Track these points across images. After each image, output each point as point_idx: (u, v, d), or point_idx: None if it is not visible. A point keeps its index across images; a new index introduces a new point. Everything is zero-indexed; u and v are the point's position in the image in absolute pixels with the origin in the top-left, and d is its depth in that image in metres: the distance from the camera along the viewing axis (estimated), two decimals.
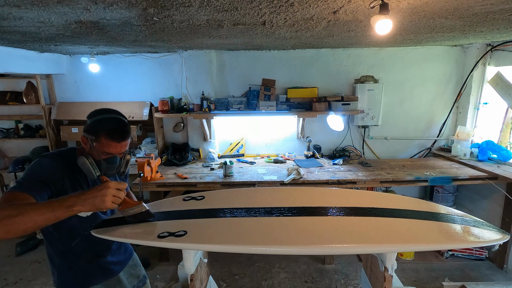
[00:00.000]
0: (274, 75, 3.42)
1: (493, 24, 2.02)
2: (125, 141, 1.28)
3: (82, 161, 1.23)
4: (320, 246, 1.18)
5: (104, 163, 1.27)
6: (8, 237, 0.94)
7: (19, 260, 3.18)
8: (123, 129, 1.27)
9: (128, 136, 1.29)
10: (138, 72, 3.47)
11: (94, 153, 1.26)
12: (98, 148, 1.24)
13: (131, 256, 1.62)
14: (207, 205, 1.51)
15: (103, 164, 1.27)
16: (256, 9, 1.56)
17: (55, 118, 3.38)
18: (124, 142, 1.28)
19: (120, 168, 1.35)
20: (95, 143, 1.24)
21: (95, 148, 1.25)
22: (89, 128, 1.26)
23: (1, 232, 0.91)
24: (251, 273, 2.86)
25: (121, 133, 1.26)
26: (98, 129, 1.23)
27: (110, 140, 1.23)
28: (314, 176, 2.80)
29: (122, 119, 1.30)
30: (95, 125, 1.24)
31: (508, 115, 3.12)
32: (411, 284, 2.66)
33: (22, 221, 0.92)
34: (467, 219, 1.36)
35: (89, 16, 1.64)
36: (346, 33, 2.29)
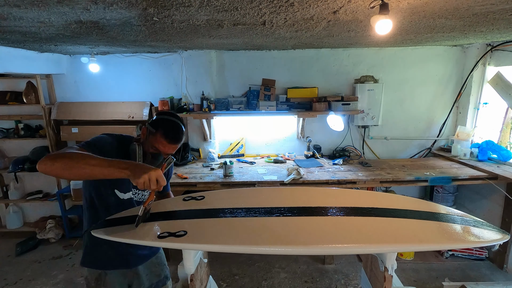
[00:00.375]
0: (274, 75, 3.42)
1: (493, 24, 2.02)
2: (175, 144, 1.41)
3: (133, 147, 1.39)
4: (320, 246, 1.18)
5: (149, 156, 1.41)
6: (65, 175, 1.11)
7: (19, 260, 3.18)
8: (178, 134, 1.42)
9: (179, 142, 1.43)
10: (138, 72, 3.47)
11: (146, 145, 1.41)
12: (151, 141, 1.39)
13: (155, 253, 1.67)
14: (207, 205, 1.50)
15: (148, 156, 1.41)
16: (256, 9, 1.57)
17: (55, 118, 3.38)
18: (173, 145, 1.41)
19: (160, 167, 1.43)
20: (151, 136, 1.39)
21: (149, 140, 1.40)
22: (152, 122, 1.42)
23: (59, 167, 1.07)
24: (251, 273, 2.86)
25: (175, 136, 1.40)
26: (159, 125, 1.39)
27: (164, 140, 1.37)
28: (314, 176, 2.80)
29: (181, 126, 1.45)
30: (159, 121, 1.41)
31: (508, 115, 3.12)
32: (411, 284, 2.66)
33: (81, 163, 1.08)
34: (467, 219, 1.36)
35: (89, 16, 1.64)
36: (346, 33, 2.29)
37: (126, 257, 1.49)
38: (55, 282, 2.81)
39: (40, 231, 3.50)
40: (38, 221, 3.72)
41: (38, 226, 3.60)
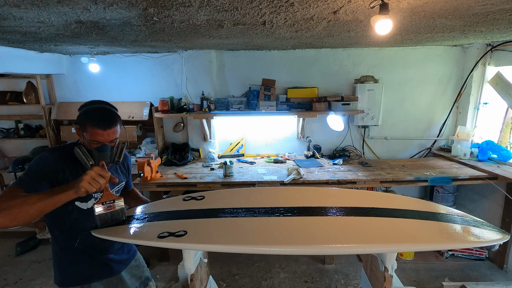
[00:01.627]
0: (274, 75, 3.42)
1: (493, 24, 2.02)
2: (111, 128, 1.32)
3: (76, 152, 1.29)
4: (320, 246, 1.18)
5: (95, 152, 1.31)
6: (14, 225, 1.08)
7: (19, 260, 3.18)
8: (108, 117, 1.33)
9: (113, 124, 1.33)
10: (138, 72, 3.47)
11: (86, 143, 1.33)
12: (88, 137, 1.31)
13: (134, 256, 1.63)
14: (207, 205, 1.50)
15: (94, 153, 1.31)
16: (256, 9, 1.56)
17: (55, 118, 3.38)
18: (110, 130, 1.32)
19: (114, 157, 1.39)
20: (84, 133, 1.31)
21: (85, 138, 1.32)
22: (78, 120, 1.33)
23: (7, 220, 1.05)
24: (251, 273, 2.86)
25: (106, 121, 1.31)
26: (85, 119, 1.31)
27: (95, 128, 1.29)
28: (314, 176, 2.80)
29: (108, 107, 1.37)
30: (82, 115, 1.32)
31: (508, 115, 3.12)
32: (411, 284, 2.66)
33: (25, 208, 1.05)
34: (467, 219, 1.36)
35: (89, 16, 1.64)
36: (346, 33, 2.29)
37: (108, 264, 1.44)
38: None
39: (40, 231, 3.49)
40: (38, 221, 3.70)
41: (38, 226, 3.59)
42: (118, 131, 1.38)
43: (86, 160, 1.29)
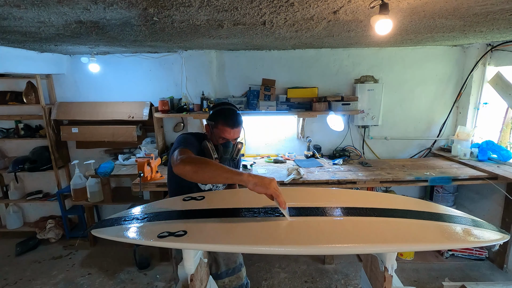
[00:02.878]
0: (274, 75, 3.42)
1: (493, 24, 2.02)
2: (237, 128, 1.56)
3: (204, 145, 1.53)
4: (320, 246, 1.18)
5: (221, 147, 1.54)
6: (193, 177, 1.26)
7: (19, 260, 3.18)
8: (236, 118, 1.56)
9: (240, 124, 1.57)
10: (138, 72, 3.47)
11: (214, 138, 1.56)
12: (216, 133, 1.54)
13: None
14: (207, 205, 1.51)
15: (220, 148, 1.55)
16: (256, 9, 1.57)
17: (55, 118, 3.38)
18: (237, 129, 1.56)
19: (233, 154, 1.61)
20: (214, 129, 1.54)
21: (214, 134, 1.55)
22: (211, 117, 1.57)
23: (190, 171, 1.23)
24: (251, 273, 2.86)
25: (235, 120, 1.54)
26: (217, 117, 1.54)
27: (225, 126, 1.52)
28: (314, 176, 2.80)
29: (236, 110, 1.61)
30: (215, 114, 1.56)
31: (508, 115, 3.12)
32: (411, 284, 2.66)
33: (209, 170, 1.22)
34: (467, 219, 1.36)
35: (89, 16, 1.64)
36: (346, 33, 2.29)
37: None
38: (55, 282, 2.81)
39: (40, 231, 3.50)
40: (38, 221, 3.71)
41: (38, 226, 3.59)
42: (241, 131, 1.62)
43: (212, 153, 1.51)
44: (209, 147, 1.51)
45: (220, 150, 1.54)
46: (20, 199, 3.58)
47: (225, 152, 1.55)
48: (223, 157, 1.56)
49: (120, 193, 3.48)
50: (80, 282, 2.80)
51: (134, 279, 2.80)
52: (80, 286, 2.76)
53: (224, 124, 1.52)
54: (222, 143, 1.54)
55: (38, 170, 3.42)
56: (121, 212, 1.46)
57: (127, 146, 3.61)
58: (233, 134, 1.54)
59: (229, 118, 1.54)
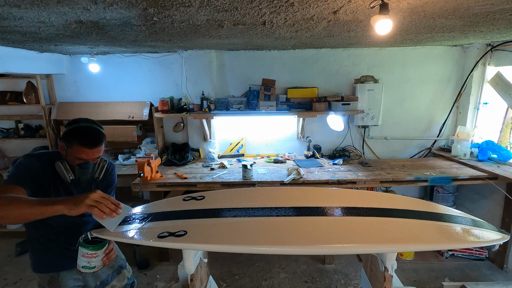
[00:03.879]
0: (274, 75, 3.42)
1: (493, 24, 2.02)
2: (96, 148, 1.38)
3: (57, 166, 1.37)
4: (320, 246, 1.18)
5: (77, 167, 1.38)
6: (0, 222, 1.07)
7: (19, 260, 3.18)
8: (94, 137, 1.38)
9: (99, 144, 1.39)
10: (138, 72, 3.47)
11: (70, 158, 1.38)
12: (72, 154, 1.36)
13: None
14: (207, 205, 1.51)
15: (76, 168, 1.39)
16: (256, 9, 1.56)
17: (55, 118, 3.38)
18: (96, 149, 1.38)
19: (94, 174, 1.47)
20: (69, 149, 1.36)
21: (70, 154, 1.37)
22: (64, 136, 1.38)
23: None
24: (251, 273, 2.86)
25: (92, 140, 1.37)
26: (72, 137, 1.35)
27: (81, 147, 1.35)
28: (314, 176, 2.80)
29: (95, 127, 1.42)
30: (69, 133, 1.37)
31: (508, 115, 3.12)
32: (411, 284, 2.66)
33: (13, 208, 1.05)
34: (467, 219, 1.36)
35: (89, 16, 1.64)
36: (346, 33, 2.29)
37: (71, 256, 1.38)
38: None
39: None
40: None
41: None
42: (102, 150, 1.43)
43: (66, 174, 1.36)
44: (62, 168, 1.35)
45: (76, 171, 1.38)
46: None
47: (83, 174, 1.39)
48: (80, 179, 1.40)
49: (120, 193, 3.47)
50: None
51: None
52: None
53: (79, 144, 1.34)
54: (79, 163, 1.38)
55: None
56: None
57: (127, 146, 3.61)
58: (91, 154, 1.37)
59: (85, 138, 1.35)
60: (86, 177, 1.41)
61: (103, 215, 1.11)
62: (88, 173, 1.41)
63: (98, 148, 1.39)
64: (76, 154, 1.35)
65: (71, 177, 1.37)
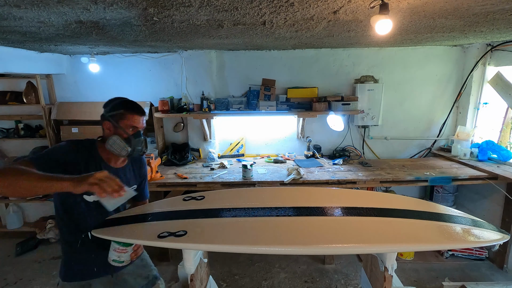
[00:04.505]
0: (274, 75, 3.42)
1: (493, 24, 2.02)
2: (143, 115, 1.47)
3: (113, 140, 1.36)
4: (320, 246, 1.18)
5: (133, 137, 1.40)
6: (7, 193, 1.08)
7: (19, 260, 3.18)
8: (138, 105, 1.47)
9: (144, 112, 1.48)
10: (138, 72, 3.47)
11: (120, 132, 1.39)
12: (124, 124, 1.39)
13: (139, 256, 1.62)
14: (207, 205, 1.51)
15: (131, 139, 1.39)
16: (256, 9, 1.57)
17: (55, 118, 3.38)
18: (143, 116, 1.46)
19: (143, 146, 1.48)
20: (120, 121, 1.38)
21: (121, 126, 1.38)
22: (112, 110, 1.40)
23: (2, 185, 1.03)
24: (251, 273, 2.86)
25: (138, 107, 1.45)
26: (121, 108, 1.40)
27: (133, 114, 1.41)
28: (314, 176, 2.80)
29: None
30: (118, 105, 1.41)
31: (508, 115, 3.12)
32: (411, 284, 2.66)
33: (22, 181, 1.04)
34: (467, 219, 1.36)
35: (89, 16, 1.64)
36: (346, 33, 2.29)
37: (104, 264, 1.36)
38: (55, 282, 2.80)
39: (40, 231, 3.49)
40: (38, 221, 3.71)
41: (38, 226, 3.59)
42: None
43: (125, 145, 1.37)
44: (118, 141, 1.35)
45: (132, 141, 1.39)
46: (20, 199, 3.58)
47: (138, 143, 1.41)
48: (136, 149, 1.41)
49: None
50: None
51: None
52: None
53: (131, 112, 1.40)
54: (133, 133, 1.40)
55: None
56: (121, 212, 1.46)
57: None
58: (142, 122, 1.45)
59: (134, 106, 1.43)
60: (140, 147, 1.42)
61: (103, 193, 1.08)
62: (142, 142, 1.43)
63: (144, 115, 1.47)
64: (128, 122, 1.39)
65: (128, 148, 1.38)
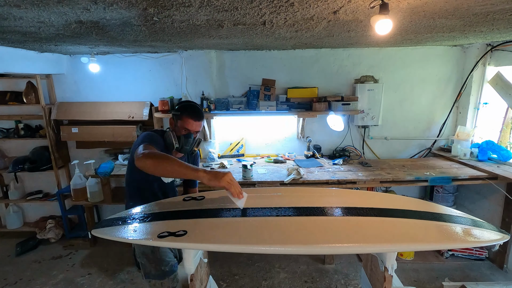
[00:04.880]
0: (274, 75, 3.42)
1: (493, 24, 2.02)
2: (200, 121, 1.71)
3: (168, 134, 1.67)
4: (320, 246, 1.18)
5: (183, 137, 1.67)
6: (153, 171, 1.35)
7: (19, 260, 3.18)
8: (200, 111, 1.73)
9: (202, 118, 1.73)
10: (138, 72, 3.47)
11: (177, 130, 1.70)
12: (181, 125, 1.68)
13: None
14: (207, 205, 1.51)
15: (182, 138, 1.68)
16: (256, 9, 1.57)
17: (55, 118, 3.38)
18: (199, 122, 1.71)
19: (193, 146, 1.75)
20: (178, 120, 1.69)
21: (178, 125, 1.69)
22: (177, 109, 1.72)
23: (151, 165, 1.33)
24: (251, 273, 2.86)
25: (198, 114, 1.71)
26: (183, 110, 1.69)
27: (189, 118, 1.67)
28: (314, 176, 2.80)
29: (199, 106, 1.80)
30: (182, 107, 1.71)
31: (508, 115, 3.12)
32: (411, 284, 2.66)
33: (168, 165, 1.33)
34: (467, 219, 1.36)
35: (89, 16, 1.64)
36: (346, 33, 2.29)
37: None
38: (55, 282, 2.81)
39: (40, 231, 3.50)
40: (38, 221, 3.72)
41: (38, 226, 3.60)
42: (202, 126, 1.77)
43: (174, 142, 1.65)
44: (171, 136, 1.65)
45: (182, 140, 1.67)
46: (20, 199, 3.58)
47: (186, 143, 1.67)
48: (183, 148, 1.67)
49: (120, 193, 3.48)
50: (80, 282, 2.80)
51: (134, 279, 2.80)
52: (80, 286, 2.75)
53: (188, 116, 1.66)
54: (185, 134, 1.67)
55: (38, 170, 3.42)
56: (121, 212, 1.46)
57: (127, 146, 3.61)
58: (195, 126, 1.69)
59: (193, 111, 1.69)
60: (187, 147, 1.68)
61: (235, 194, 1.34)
62: (190, 143, 1.69)
63: (200, 122, 1.71)
64: (184, 124, 1.66)
65: (176, 144, 1.65)
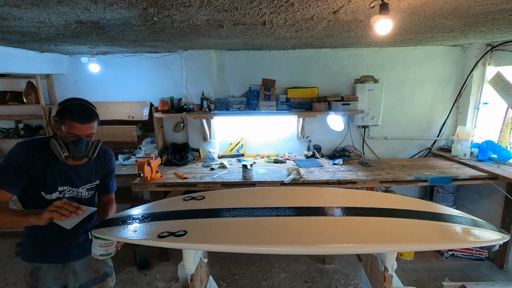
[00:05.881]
0: (274, 75, 3.42)
1: (493, 24, 2.02)
2: (88, 123, 1.39)
3: (52, 143, 1.37)
4: (320, 246, 1.18)
5: (71, 144, 1.37)
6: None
7: (19, 260, 3.17)
8: (86, 112, 1.39)
9: (90, 119, 1.40)
10: (138, 72, 3.47)
11: (64, 136, 1.38)
12: (65, 130, 1.36)
13: None
14: (207, 205, 1.51)
15: (70, 145, 1.38)
16: (256, 9, 1.57)
17: None
18: (87, 124, 1.38)
19: (89, 152, 1.44)
20: (62, 125, 1.36)
21: (63, 131, 1.37)
22: (57, 112, 1.38)
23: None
24: (251, 273, 2.86)
25: (84, 115, 1.38)
26: (64, 112, 1.36)
27: (73, 122, 1.35)
28: (314, 176, 2.80)
29: (87, 104, 1.44)
30: (62, 109, 1.38)
31: (508, 115, 3.12)
32: (411, 284, 2.66)
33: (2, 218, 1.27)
34: (467, 219, 1.36)
35: (89, 16, 1.64)
36: (346, 33, 2.29)
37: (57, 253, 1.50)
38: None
39: None
40: None
41: None
42: (95, 127, 1.43)
43: (61, 151, 1.36)
44: (56, 144, 1.36)
45: (71, 147, 1.38)
46: None
47: (76, 150, 1.37)
48: (75, 155, 1.39)
49: (120, 193, 3.48)
50: None
51: (134, 279, 2.80)
52: None
53: (71, 119, 1.34)
54: (73, 140, 1.37)
55: None
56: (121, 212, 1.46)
57: (127, 146, 3.61)
58: (84, 130, 1.37)
59: (77, 113, 1.36)
60: (80, 154, 1.39)
61: (62, 217, 1.23)
62: (82, 150, 1.39)
63: (90, 124, 1.39)
64: (68, 129, 1.35)
65: (65, 153, 1.37)
